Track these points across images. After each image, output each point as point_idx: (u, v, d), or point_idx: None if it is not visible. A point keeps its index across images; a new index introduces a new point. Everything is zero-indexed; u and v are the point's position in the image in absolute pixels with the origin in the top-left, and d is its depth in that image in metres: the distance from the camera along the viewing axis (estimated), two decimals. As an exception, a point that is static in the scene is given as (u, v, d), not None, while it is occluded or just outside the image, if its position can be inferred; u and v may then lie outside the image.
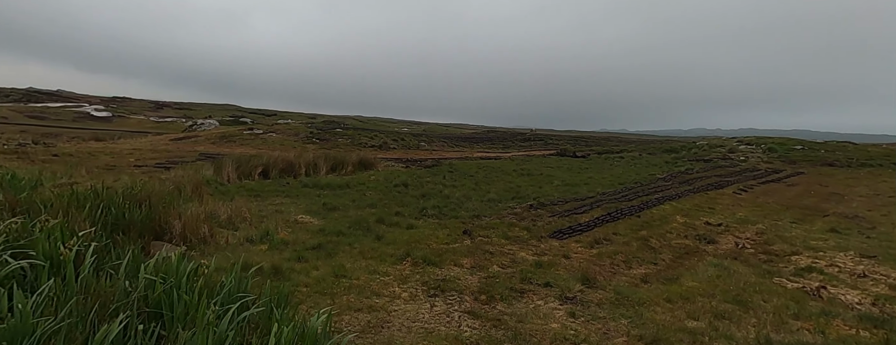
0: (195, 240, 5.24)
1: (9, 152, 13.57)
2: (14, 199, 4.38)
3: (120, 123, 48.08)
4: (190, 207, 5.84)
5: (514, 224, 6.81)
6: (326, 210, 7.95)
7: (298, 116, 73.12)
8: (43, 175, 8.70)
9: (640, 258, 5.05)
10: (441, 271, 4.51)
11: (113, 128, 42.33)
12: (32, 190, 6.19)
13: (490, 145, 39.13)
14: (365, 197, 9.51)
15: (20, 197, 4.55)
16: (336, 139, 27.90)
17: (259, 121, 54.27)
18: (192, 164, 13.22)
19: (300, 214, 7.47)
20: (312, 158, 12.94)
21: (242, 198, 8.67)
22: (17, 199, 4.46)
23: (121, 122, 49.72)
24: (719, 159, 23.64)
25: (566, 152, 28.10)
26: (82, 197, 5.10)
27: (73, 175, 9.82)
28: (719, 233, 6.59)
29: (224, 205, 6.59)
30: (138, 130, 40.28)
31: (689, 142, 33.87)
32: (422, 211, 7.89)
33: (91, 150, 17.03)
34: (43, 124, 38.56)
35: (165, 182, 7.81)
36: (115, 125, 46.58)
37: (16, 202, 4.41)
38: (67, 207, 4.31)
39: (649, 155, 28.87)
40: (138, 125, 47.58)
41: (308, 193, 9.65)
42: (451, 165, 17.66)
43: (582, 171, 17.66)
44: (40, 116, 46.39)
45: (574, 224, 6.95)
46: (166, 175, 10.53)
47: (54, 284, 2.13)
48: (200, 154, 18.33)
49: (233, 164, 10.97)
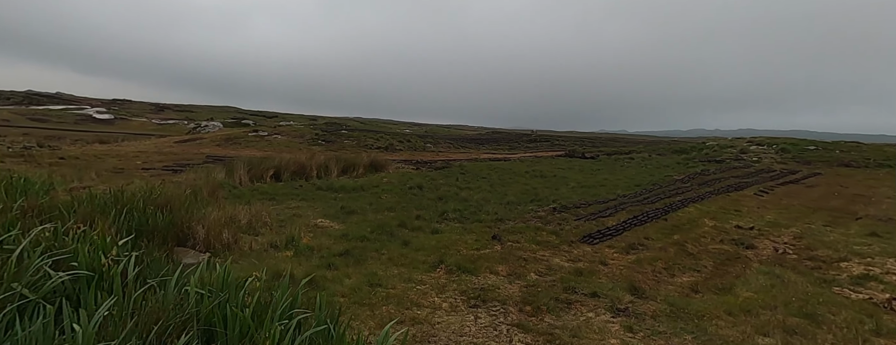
0: (219, 246, 5.10)
1: (15, 155, 13.48)
2: (35, 204, 4.25)
3: (122, 126, 48.12)
4: (211, 212, 5.70)
5: (541, 228, 6.65)
6: (345, 214, 7.81)
7: (299, 117, 73.18)
8: (53, 179, 8.59)
9: (680, 265, 4.88)
10: (478, 280, 4.35)
11: (115, 130, 42.35)
12: (46, 194, 6.08)
13: (496, 146, 38.98)
14: (381, 200, 9.37)
15: (41, 202, 4.42)
16: (342, 141, 27.80)
17: (260, 123, 54.29)
18: (201, 166, 13.10)
19: (319, 218, 7.33)
20: (324, 161, 12.81)
21: (258, 201, 8.54)
22: (39, 204, 4.34)
23: (123, 124, 49.77)
24: (732, 160, 23.42)
25: (575, 154, 27.93)
26: (103, 202, 4.97)
27: (83, 178, 9.71)
28: (754, 237, 6.41)
29: (243, 209, 6.44)
30: (141, 133, 40.28)
31: (699, 142, 33.63)
32: (442, 215, 7.74)
33: (97, 152, 16.94)
34: (45, 127, 38.59)
35: (181, 186, 7.68)
36: (117, 128, 46.61)
37: (37, 207, 4.28)
38: (91, 213, 4.17)
39: (658, 156, 28.68)
40: (141, 127, 47.61)
41: (323, 196, 9.51)
42: (461, 166, 17.51)
43: (595, 172, 17.48)
44: (42, 119, 46.46)
45: (602, 228, 6.79)
46: (178, 178, 10.41)
47: (103, 298, 1.99)
48: (207, 156, 18.23)
49: (245, 166, 10.84)
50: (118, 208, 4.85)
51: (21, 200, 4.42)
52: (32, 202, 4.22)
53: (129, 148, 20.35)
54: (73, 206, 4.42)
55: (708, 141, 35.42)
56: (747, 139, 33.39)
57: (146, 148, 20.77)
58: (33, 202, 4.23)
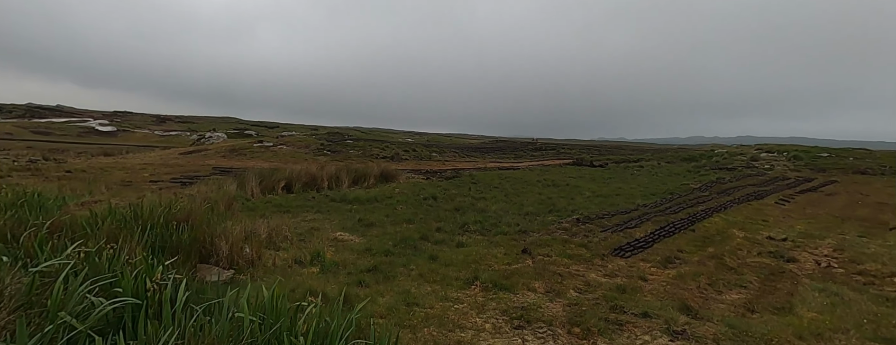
0: (242, 262, 4.95)
1: (22, 169, 13.41)
2: (58, 221, 4.12)
3: (125, 138, 48.30)
4: (232, 227, 5.56)
5: (569, 241, 6.48)
6: (363, 226, 7.66)
7: (300, 127, 73.45)
8: (64, 193, 8.49)
9: (724, 281, 4.69)
10: (516, 298, 4.18)
11: (119, 142, 42.48)
12: (59, 209, 5.96)
13: (501, 155, 38.90)
14: (397, 212, 9.22)
15: (63, 219, 4.30)
16: (347, 151, 27.75)
17: (262, 133, 54.45)
18: (210, 179, 13.00)
19: (338, 232, 7.17)
20: (334, 172, 12.71)
21: (273, 214, 8.41)
22: (61, 221, 4.21)
23: (126, 136, 49.97)
24: (744, 168, 23.22)
25: (583, 162, 27.79)
26: (124, 218, 4.84)
27: (94, 192, 9.61)
28: (790, 249, 6.22)
29: (262, 223, 6.30)
30: (144, 145, 40.37)
31: (707, 150, 33.50)
32: (463, 226, 7.58)
33: (103, 165, 16.88)
34: (49, 140, 38.75)
35: (195, 199, 7.55)
36: (120, 140, 46.78)
37: (58, 224, 4.15)
38: (116, 230, 4.04)
39: (667, 164, 28.54)
40: (144, 139, 47.78)
41: (338, 208, 9.37)
42: (471, 176, 17.38)
43: (607, 181, 17.32)
44: (45, 132, 46.68)
45: (631, 240, 6.61)
46: (189, 191, 10.29)
47: (153, 327, 1.84)
48: (213, 168, 18.15)
49: (256, 178, 10.74)
50: (140, 225, 4.73)
51: (43, 218, 4.30)
52: (56, 220, 4.09)
53: (135, 160, 20.30)
54: (97, 223, 4.28)
55: (716, 148, 35.29)
56: (756, 146, 33.25)
57: (152, 160, 20.72)
58: (57, 220, 4.11)
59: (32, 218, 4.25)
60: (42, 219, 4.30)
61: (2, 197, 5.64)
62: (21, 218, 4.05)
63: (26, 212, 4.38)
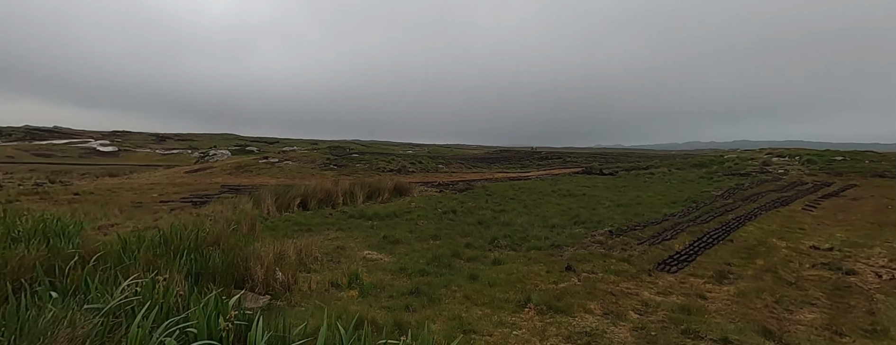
0: (278, 287, 4.75)
1: (29, 193, 13.27)
2: (92, 248, 3.95)
3: (127, 158, 48.33)
4: (261, 249, 5.37)
5: (608, 255, 6.27)
6: (389, 244, 7.46)
7: (300, 142, 73.56)
8: (76, 217, 8.32)
9: (790, 298, 4.47)
10: (575, 321, 3.96)
11: (121, 162, 42.47)
12: (78, 234, 5.79)
13: (507, 165, 38.78)
14: (419, 227, 9.02)
15: (94, 245, 4.12)
16: (354, 165, 27.64)
17: (264, 149, 54.47)
18: (223, 198, 12.84)
19: (365, 250, 6.98)
20: (349, 187, 12.55)
21: (294, 233, 8.22)
22: (92, 248, 4.03)
23: (127, 156, 50.02)
24: (757, 173, 23.04)
25: (593, 170, 27.63)
26: (154, 243, 4.67)
27: (108, 215, 9.44)
28: (841, 260, 6.01)
29: (290, 244, 6.11)
30: (147, 164, 40.35)
31: (717, 155, 33.41)
32: (492, 242, 7.38)
33: (109, 186, 16.75)
34: (51, 162, 38.74)
35: (217, 221, 7.38)
36: (122, 159, 46.80)
37: (91, 251, 3.97)
38: (152, 257, 3.87)
39: (678, 170, 28.40)
40: (146, 159, 47.81)
41: (358, 224, 9.18)
42: (485, 188, 17.21)
43: (622, 190, 17.13)
44: (47, 154, 46.76)
45: (672, 253, 6.41)
46: (203, 211, 10.13)
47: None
48: (222, 186, 18.01)
49: (272, 196, 10.57)
50: (172, 250, 4.56)
51: (71, 245, 4.13)
52: (89, 247, 3.92)
53: (141, 180, 20.18)
54: (132, 249, 4.11)
55: (725, 153, 35.19)
56: (766, 151, 33.14)
57: (158, 179, 20.60)
58: (90, 247, 3.93)
59: (62, 246, 4.08)
60: (71, 246, 4.14)
61: (22, 224, 5.48)
62: (52, 247, 3.88)
63: (59, 240, 4.20)
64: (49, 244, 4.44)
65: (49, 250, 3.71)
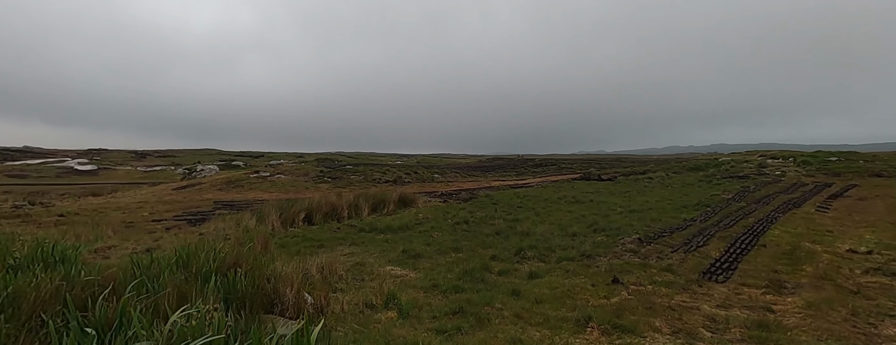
0: (310, 310, 4.41)
1: (10, 216, 12.56)
2: (109, 274, 3.57)
3: (107, 176, 46.82)
4: (282, 269, 5.02)
5: (647, 265, 6.07)
6: (410, 258, 7.14)
7: (285, 155, 72.39)
8: (69, 240, 7.81)
9: (864, 309, 4.30)
10: (647, 342, 3.71)
11: (101, 181, 41.07)
12: (77, 259, 5.36)
13: (502, 173, 38.73)
14: (435, 239, 8.72)
15: (111, 271, 3.74)
16: (348, 177, 27.20)
17: (250, 163, 53.40)
18: (219, 214, 12.32)
19: (387, 266, 6.65)
20: (353, 199, 12.20)
21: (306, 250, 7.84)
22: (111, 274, 3.66)
23: (107, 174, 48.47)
24: (755, 175, 23.37)
25: (591, 176, 27.70)
26: (168, 265, 4.30)
27: (101, 237, 8.91)
28: (886, 263, 5.92)
29: (311, 261, 5.77)
30: (129, 182, 39.10)
31: (712, 159, 33.94)
32: (518, 253, 7.12)
33: (95, 206, 16.03)
34: (26, 183, 37.24)
35: (226, 238, 6.98)
36: (102, 178, 45.30)
37: (109, 278, 3.60)
38: (181, 283, 3.51)
39: (675, 174, 28.69)
40: (127, 176, 46.37)
41: (371, 238, 8.83)
42: (489, 196, 17.00)
43: (627, 195, 17.11)
44: (21, 175, 44.98)
45: (711, 261, 6.24)
46: (203, 229, 9.67)
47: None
48: (215, 202, 17.42)
49: (276, 211, 10.16)
50: (193, 273, 4.20)
51: (84, 273, 3.74)
52: (105, 273, 3.54)
53: (127, 199, 19.42)
54: (155, 275, 3.74)
55: (720, 157, 35.77)
56: (759, 153, 33.81)
57: (145, 198, 19.86)
58: (107, 273, 3.56)
59: (74, 273, 3.70)
60: (79, 273, 3.75)
61: (19, 249, 5.04)
62: (66, 274, 3.49)
63: (62, 266, 3.81)
64: (55, 271, 4.04)
65: (63, 279, 3.32)
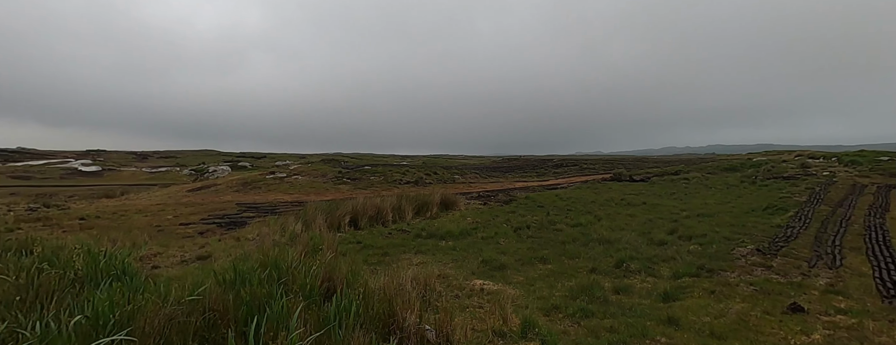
0: (431, 338, 3.73)
1: (29, 219, 12.00)
2: (217, 296, 2.91)
3: (112, 177, 46.50)
4: (372, 282, 4.35)
5: (802, 285, 5.26)
6: (493, 270, 6.47)
7: (287, 156, 71.81)
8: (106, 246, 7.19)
9: None
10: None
11: (107, 182, 40.72)
12: (139, 271, 4.73)
13: (523, 174, 38.02)
14: (504, 247, 8.05)
15: (217, 293, 3.08)
16: (368, 178, 26.55)
17: (256, 164, 52.87)
18: (245, 217, 11.70)
19: (474, 279, 5.97)
20: (397, 202, 11.54)
21: (371, 258, 7.18)
22: (217, 295, 3.00)
23: (113, 175, 48.15)
24: (802, 176, 22.51)
25: (622, 177, 26.93)
26: (261, 278, 3.65)
27: (137, 243, 8.29)
28: None
29: (404, 275, 5.09)
30: (136, 183, 38.69)
31: (745, 159, 33.13)
32: (619, 266, 6.42)
33: (114, 209, 15.47)
34: (32, 185, 36.91)
35: (293, 247, 6.32)
36: (107, 179, 44.99)
37: (218, 300, 2.94)
38: (282, 307, 2.85)
39: (710, 175, 27.93)
40: (133, 178, 46.01)
41: (434, 245, 8.16)
42: (527, 198, 16.30)
43: (676, 197, 16.36)
44: (25, 176, 44.75)
45: (878, 281, 5.50)
46: (244, 234, 9.04)
47: None
48: (238, 205, 16.81)
49: (322, 215, 9.52)
50: (293, 290, 3.54)
51: (164, 289, 3.09)
52: (218, 293, 2.88)
53: (144, 201, 18.88)
54: (262, 295, 3.08)
55: (754, 157, 34.89)
56: (796, 153, 32.92)
57: (161, 199, 19.32)
58: (218, 293, 2.90)
59: (167, 292, 3.05)
60: (173, 292, 3.10)
61: (75, 259, 4.40)
62: (161, 293, 2.84)
63: (128, 281, 3.15)
64: (124, 285, 3.40)
65: (159, 298, 2.67)
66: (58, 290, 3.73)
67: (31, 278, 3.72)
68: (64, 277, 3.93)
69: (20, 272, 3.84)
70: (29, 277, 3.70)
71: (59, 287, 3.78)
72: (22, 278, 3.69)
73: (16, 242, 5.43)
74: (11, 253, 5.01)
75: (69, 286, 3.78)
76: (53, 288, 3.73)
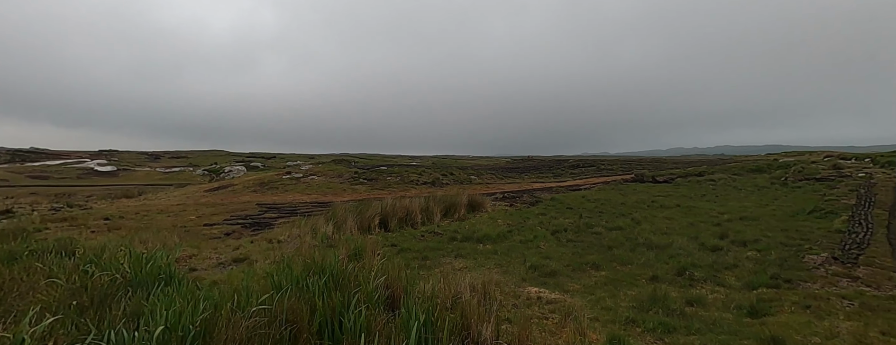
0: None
1: (55, 219, 11.99)
2: (295, 305, 2.66)
3: (127, 177, 47.09)
4: (428, 288, 4.07)
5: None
6: (544, 276, 6.15)
7: (296, 157, 72.06)
8: (136, 247, 7.04)
9: None
10: None
11: (123, 182, 41.22)
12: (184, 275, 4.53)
13: (539, 174, 37.58)
14: (546, 251, 7.73)
15: (291, 302, 2.83)
16: (384, 178, 26.38)
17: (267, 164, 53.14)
18: (267, 217, 11.53)
19: (527, 286, 5.67)
20: (425, 203, 11.28)
21: (411, 261, 6.92)
22: (296, 305, 2.74)
23: (127, 175, 48.78)
24: (837, 178, 21.76)
25: (645, 178, 26.36)
26: (322, 288, 3.39)
27: (168, 245, 8.14)
28: None
29: (460, 281, 4.81)
30: (151, 183, 39.08)
31: (772, 160, 32.27)
32: (682, 273, 6.04)
33: (135, 209, 15.46)
34: (50, 184, 37.51)
35: (330, 249, 6.09)
36: (122, 179, 45.56)
37: (294, 310, 2.68)
38: (358, 318, 2.58)
39: (736, 176, 27.24)
40: (147, 178, 46.54)
41: (473, 249, 7.87)
42: (553, 199, 15.93)
43: (709, 198, 15.86)
44: (43, 176, 45.54)
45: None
46: (274, 235, 8.84)
47: None
48: (258, 205, 16.72)
49: (353, 216, 9.30)
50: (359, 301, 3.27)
51: (228, 298, 2.84)
52: (290, 306, 2.63)
53: (163, 201, 18.91)
54: (337, 306, 2.82)
55: (780, 158, 34.01)
56: (824, 154, 32.03)
57: (180, 200, 19.34)
58: (291, 306, 2.64)
59: (228, 298, 2.80)
60: (236, 300, 2.85)
61: (122, 262, 4.20)
62: (236, 303, 2.60)
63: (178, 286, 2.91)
64: (172, 289, 3.17)
65: (227, 308, 2.42)
66: (109, 294, 3.54)
67: (83, 281, 3.52)
68: (112, 280, 3.73)
69: (70, 275, 3.64)
70: (81, 280, 3.50)
71: (109, 291, 3.59)
72: (73, 280, 3.50)
73: (54, 243, 5.26)
74: (51, 254, 4.85)
75: (120, 290, 3.58)
76: (105, 292, 3.53)
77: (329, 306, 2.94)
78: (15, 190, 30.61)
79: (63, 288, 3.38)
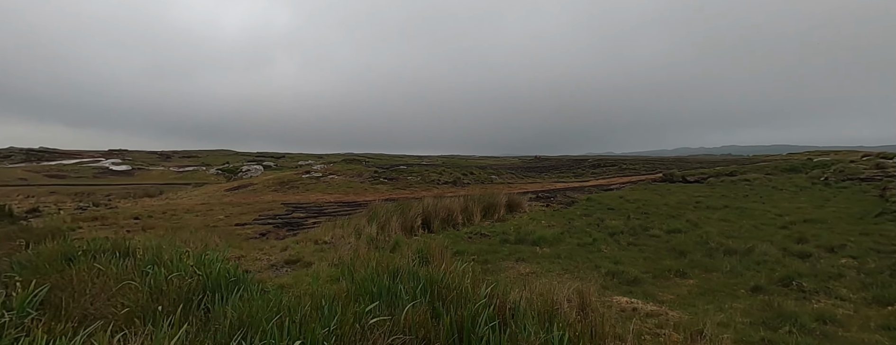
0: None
1: (85, 219, 11.81)
2: (422, 318, 2.24)
3: (143, 177, 47.49)
4: (518, 297, 3.63)
5: None
6: (624, 284, 5.69)
7: (305, 156, 72.15)
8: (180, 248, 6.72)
9: None
10: None
11: (139, 182, 41.55)
12: (247, 279, 4.15)
13: (560, 174, 36.98)
14: (610, 255, 7.27)
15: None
16: (406, 178, 26.04)
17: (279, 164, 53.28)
18: (295, 217, 11.20)
19: (615, 296, 5.21)
20: (465, 204, 10.86)
21: (475, 265, 6.50)
22: (422, 319, 2.33)
23: (143, 175, 49.20)
24: (882, 178, 20.86)
25: (674, 178, 25.64)
26: (401, 295, 2.97)
27: (209, 246, 7.82)
28: None
29: (559, 289, 4.37)
30: (167, 182, 39.30)
31: (806, 159, 31.28)
32: (787, 284, 5.49)
33: (161, 208, 15.30)
34: (67, 183, 37.90)
35: (384, 251, 5.69)
36: (138, 179, 45.94)
37: (421, 325, 2.26)
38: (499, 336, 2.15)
39: (769, 175, 26.40)
40: (162, 177, 46.87)
41: (532, 252, 7.42)
42: (589, 199, 15.41)
43: (754, 199, 15.21)
44: (59, 175, 46.10)
45: None
46: (318, 235, 8.48)
47: None
48: (284, 205, 16.47)
49: (396, 216, 8.92)
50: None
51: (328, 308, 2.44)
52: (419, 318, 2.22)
53: (186, 200, 18.77)
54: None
55: (815, 157, 32.98)
56: (862, 153, 30.95)
57: (203, 199, 19.19)
58: (419, 317, 2.23)
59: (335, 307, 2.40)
60: (338, 310, 2.45)
61: (190, 264, 3.84)
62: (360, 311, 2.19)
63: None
64: (247, 297, 2.78)
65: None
66: (184, 299, 3.18)
67: (159, 284, 3.16)
68: (183, 283, 3.37)
69: (144, 278, 3.30)
70: (157, 283, 3.15)
71: (185, 295, 3.23)
72: (150, 284, 3.14)
73: (108, 243, 4.94)
74: (106, 254, 4.52)
75: (195, 293, 3.21)
76: (182, 296, 3.17)
77: (456, 319, 2.53)
78: (35, 189, 30.93)
79: (140, 291, 3.03)
